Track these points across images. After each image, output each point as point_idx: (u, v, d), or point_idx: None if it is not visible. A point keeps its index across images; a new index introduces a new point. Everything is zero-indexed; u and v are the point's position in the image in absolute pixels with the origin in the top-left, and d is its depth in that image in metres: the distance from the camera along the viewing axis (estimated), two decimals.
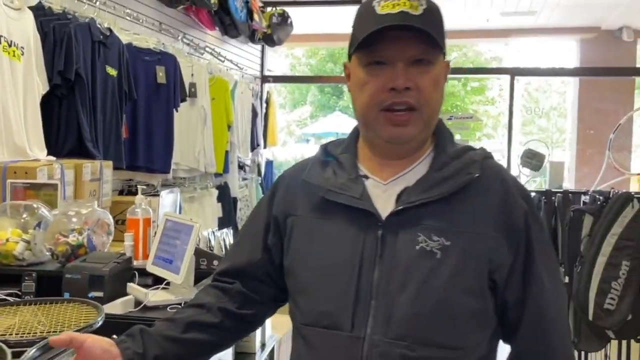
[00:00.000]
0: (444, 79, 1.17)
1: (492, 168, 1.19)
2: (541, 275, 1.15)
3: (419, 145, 1.19)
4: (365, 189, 1.17)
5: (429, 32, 1.08)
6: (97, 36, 3.10)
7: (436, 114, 1.16)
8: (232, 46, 5.74)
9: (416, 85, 1.10)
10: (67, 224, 2.02)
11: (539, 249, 1.15)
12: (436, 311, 1.08)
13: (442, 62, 1.15)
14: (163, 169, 3.86)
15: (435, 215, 1.11)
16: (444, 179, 1.13)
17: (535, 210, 1.18)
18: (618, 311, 3.44)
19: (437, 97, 1.14)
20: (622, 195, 3.54)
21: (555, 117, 15.95)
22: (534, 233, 1.15)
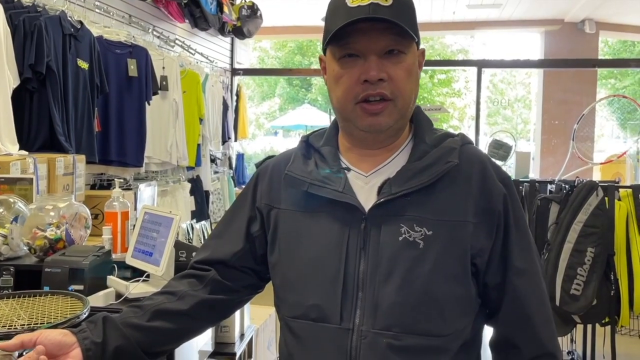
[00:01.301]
0: (418, 68, 1.18)
1: (471, 154, 1.20)
2: (518, 256, 1.17)
3: (397, 135, 1.19)
4: (348, 181, 1.17)
5: (399, 23, 1.08)
6: (67, 29, 3.07)
7: (411, 103, 1.16)
8: (202, 39, 5.71)
9: (389, 76, 1.11)
10: (44, 218, 2.01)
11: (516, 231, 1.17)
12: (421, 300, 1.10)
13: (416, 51, 1.16)
14: (135, 162, 3.84)
15: (416, 205, 1.12)
16: (424, 168, 1.14)
17: (515, 193, 1.19)
18: (584, 296, 3.55)
19: (411, 87, 1.14)
20: (587, 184, 3.65)
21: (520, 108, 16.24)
22: (512, 216, 1.17)
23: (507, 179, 1.20)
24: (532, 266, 1.19)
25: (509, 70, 14.88)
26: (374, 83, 1.10)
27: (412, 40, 1.13)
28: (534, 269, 1.19)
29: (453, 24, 8.91)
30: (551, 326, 1.20)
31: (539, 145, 8.54)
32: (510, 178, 1.21)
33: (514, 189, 1.20)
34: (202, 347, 2.05)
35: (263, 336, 3.06)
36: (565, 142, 5.24)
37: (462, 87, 15.44)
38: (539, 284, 1.20)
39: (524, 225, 1.20)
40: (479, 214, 1.14)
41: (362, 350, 1.10)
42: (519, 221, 1.18)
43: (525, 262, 1.18)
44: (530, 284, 1.18)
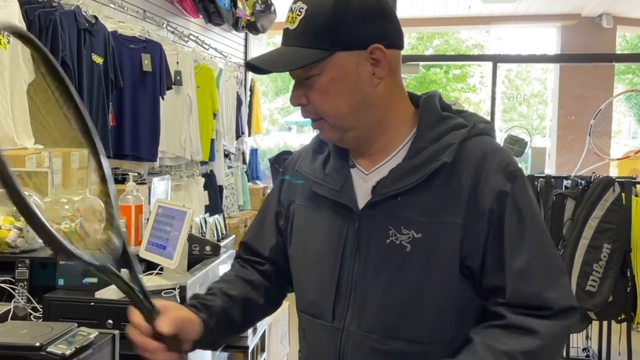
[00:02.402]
0: (349, 75, 1.08)
1: (474, 148, 1.11)
2: (516, 256, 1.06)
3: (372, 139, 1.14)
4: (348, 179, 1.16)
5: (300, 49, 1.07)
6: (82, 24, 3.09)
7: (346, 115, 1.10)
8: (215, 34, 5.72)
9: (308, 100, 1.11)
10: (59, 212, 2.02)
11: (516, 229, 1.07)
12: (405, 305, 1.08)
13: (341, 60, 1.07)
14: (150, 157, 3.86)
15: (406, 206, 1.08)
16: (415, 167, 1.09)
17: (522, 186, 1.10)
18: (599, 293, 3.51)
19: (335, 102, 1.09)
20: (603, 179, 3.61)
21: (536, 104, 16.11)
22: (511, 212, 1.07)
23: (513, 172, 1.10)
24: (534, 264, 1.07)
25: (524, 65, 14.76)
26: (301, 107, 1.13)
27: (324, 57, 1.06)
28: (539, 266, 1.07)
29: (468, 19, 8.85)
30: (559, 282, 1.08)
31: (555, 141, 8.47)
32: (518, 170, 1.11)
33: (521, 182, 1.10)
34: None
35: (276, 330, 3.07)
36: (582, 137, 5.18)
37: (477, 82, 15.34)
38: (542, 271, 1.08)
39: (530, 220, 1.09)
40: (468, 214, 1.07)
41: (349, 351, 1.11)
42: (521, 217, 1.08)
43: (525, 261, 1.06)
44: (534, 277, 1.06)
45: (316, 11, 1.06)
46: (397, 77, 1.15)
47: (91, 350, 1.35)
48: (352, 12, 1.06)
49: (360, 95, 1.10)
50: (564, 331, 1.08)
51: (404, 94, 1.17)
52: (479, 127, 1.15)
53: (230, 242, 2.36)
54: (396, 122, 1.15)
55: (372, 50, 1.08)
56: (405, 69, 6.15)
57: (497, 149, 1.13)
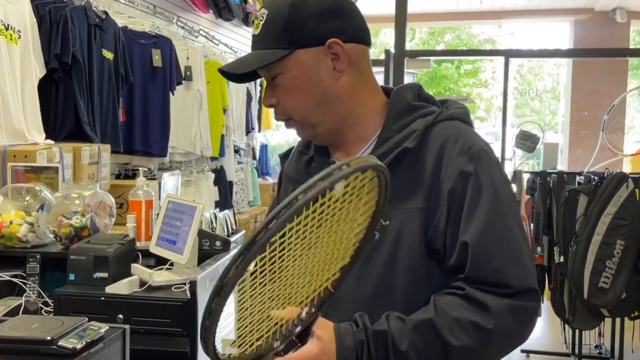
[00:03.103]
0: (310, 71, 1.13)
1: (438, 133, 1.13)
2: (469, 226, 1.06)
3: (341, 133, 1.18)
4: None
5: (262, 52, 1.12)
6: (93, 19, 3.09)
7: (312, 111, 1.15)
8: (226, 29, 5.71)
9: (277, 100, 1.16)
10: (70, 206, 2.03)
11: (473, 207, 1.07)
12: (376, 292, 1.11)
13: (301, 57, 1.12)
14: (160, 152, 3.86)
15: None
16: (380, 156, 1.09)
17: (486, 168, 1.09)
18: (612, 289, 3.49)
19: (299, 100, 1.14)
20: (617, 175, 3.58)
21: (549, 99, 16.00)
22: (470, 192, 1.08)
23: (477, 153, 1.10)
24: (491, 239, 1.06)
25: (536, 60, 14.66)
26: (274, 109, 1.19)
27: (285, 54, 1.12)
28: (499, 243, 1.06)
29: (480, 14, 8.80)
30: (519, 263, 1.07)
31: (568, 137, 8.41)
32: (482, 151, 1.11)
33: (485, 162, 1.10)
34: (225, 335, 2.05)
35: None
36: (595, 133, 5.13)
37: (489, 77, 15.26)
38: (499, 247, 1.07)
39: (490, 195, 1.08)
40: (429, 198, 1.09)
41: None
42: (480, 193, 1.07)
43: (480, 235, 1.06)
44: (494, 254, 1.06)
45: (275, 14, 1.13)
46: (363, 70, 1.18)
47: (102, 344, 1.35)
48: (307, 11, 1.11)
49: (322, 90, 1.14)
50: (522, 312, 1.07)
51: (373, 86, 1.21)
52: (448, 112, 1.17)
53: (241, 237, 2.36)
54: (366, 115, 1.18)
55: (329, 45, 1.13)
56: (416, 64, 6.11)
57: (463, 132, 1.14)
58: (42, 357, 1.24)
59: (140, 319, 1.70)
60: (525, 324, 1.09)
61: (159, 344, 1.70)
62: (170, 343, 1.70)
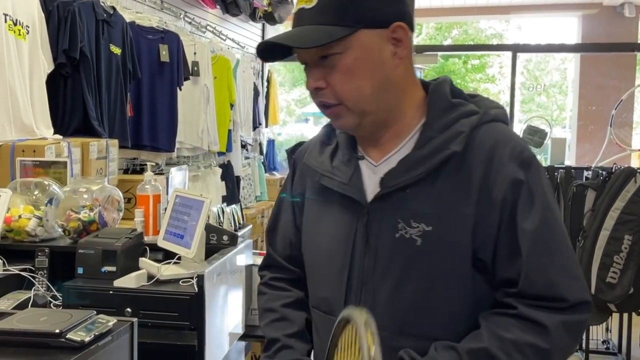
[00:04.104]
0: (381, 52, 1.05)
1: (486, 136, 1.07)
2: (527, 243, 1.02)
3: (386, 125, 1.11)
4: (357, 171, 1.13)
5: (296, 46, 1.03)
6: (100, 15, 3.10)
7: (367, 98, 1.06)
8: (233, 25, 5.71)
9: (327, 83, 1.06)
10: (78, 201, 2.04)
11: (530, 218, 1.02)
12: (416, 302, 1.05)
13: (364, 38, 1.04)
14: (167, 147, 3.87)
15: (416, 198, 1.05)
16: (424, 158, 1.05)
17: (537, 176, 1.05)
18: (620, 285, 3.48)
19: (357, 84, 1.05)
20: (625, 170, 3.56)
21: (556, 94, 15.92)
22: (525, 202, 1.03)
23: (527, 160, 1.05)
24: (547, 255, 1.02)
25: (543, 55, 14.58)
26: (316, 92, 1.08)
27: (347, 33, 1.02)
28: (553, 258, 1.03)
29: (488, 8, 8.75)
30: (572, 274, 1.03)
31: (575, 132, 8.37)
32: (532, 157, 1.06)
33: (535, 169, 1.05)
34: (232, 329, 2.06)
35: None
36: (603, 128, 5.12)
37: (496, 72, 15.19)
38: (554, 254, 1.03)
39: (544, 210, 1.03)
40: (479, 204, 1.03)
41: None
42: (535, 206, 1.03)
43: (538, 252, 1.02)
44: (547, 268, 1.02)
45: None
46: (412, 60, 1.11)
47: (110, 337, 1.35)
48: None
49: (383, 76, 1.06)
50: (577, 326, 1.03)
51: (416, 78, 1.14)
52: (491, 113, 1.10)
53: (248, 232, 2.37)
54: (408, 108, 1.11)
55: (394, 29, 1.05)
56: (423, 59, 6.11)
57: (510, 135, 1.09)
58: (50, 350, 1.25)
59: (148, 312, 1.71)
60: (578, 337, 1.06)
61: (167, 337, 1.71)
62: (178, 337, 1.71)
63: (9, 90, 2.55)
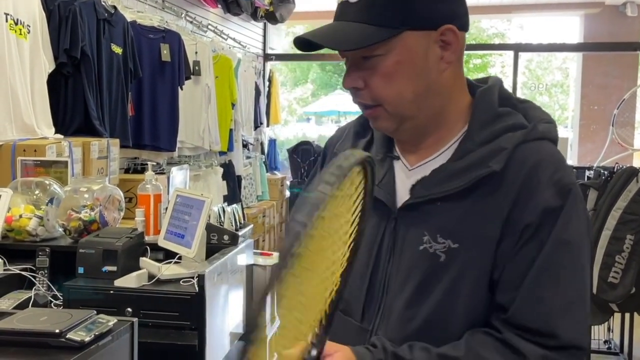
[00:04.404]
0: (417, 58, 0.98)
1: (528, 155, 0.99)
2: (536, 280, 0.96)
3: (427, 131, 1.04)
4: (390, 173, 1.08)
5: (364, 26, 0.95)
6: (102, 14, 3.10)
7: (409, 103, 1.00)
8: (234, 24, 5.71)
9: (366, 84, 1.00)
10: (79, 200, 2.04)
11: (550, 251, 0.95)
12: (429, 317, 1.00)
13: (409, 40, 0.97)
14: (169, 147, 3.87)
15: (445, 213, 0.99)
16: (459, 171, 0.99)
17: (571, 207, 0.96)
18: (622, 284, 3.47)
19: (398, 88, 0.98)
20: (627, 170, 3.55)
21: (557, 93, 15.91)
22: (552, 232, 0.95)
23: (567, 187, 0.97)
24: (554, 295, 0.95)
25: (545, 55, 14.57)
26: (354, 91, 1.02)
27: (392, 36, 0.96)
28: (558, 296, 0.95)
29: (490, 8, 8.73)
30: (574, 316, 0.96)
31: (577, 131, 8.36)
32: (573, 185, 0.98)
33: (573, 200, 0.97)
34: (233, 329, 2.06)
35: None
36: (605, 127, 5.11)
37: (498, 72, 15.19)
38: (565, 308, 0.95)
39: (564, 244, 0.96)
40: (505, 227, 0.97)
41: None
42: (552, 235, 0.95)
43: (545, 291, 0.95)
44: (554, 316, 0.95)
45: None
46: (462, 64, 1.05)
47: (110, 337, 1.35)
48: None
49: (427, 81, 1.00)
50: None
51: (464, 82, 1.07)
52: (539, 129, 1.02)
53: (249, 231, 2.37)
54: (453, 115, 1.04)
55: (443, 32, 0.98)
56: None
57: (555, 158, 1.00)
58: (51, 350, 1.25)
59: (149, 312, 1.71)
60: None
61: (167, 337, 1.71)
62: (178, 336, 1.71)
63: (10, 90, 2.55)
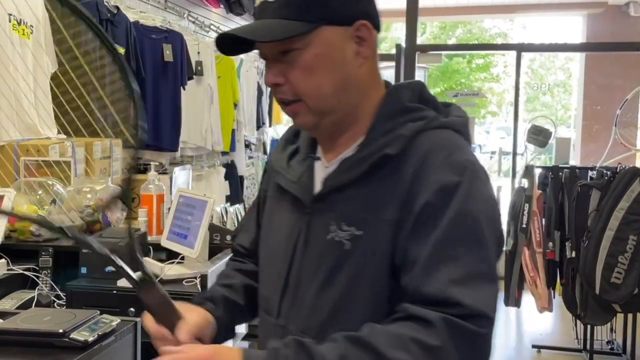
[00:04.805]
0: (343, 51, 1.02)
1: (424, 141, 1.02)
2: (429, 256, 0.95)
3: (343, 126, 1.07)
4: (308, 171, 1.11)
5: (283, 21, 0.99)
6: (104, 14, 3.10)
7: (329, 97, 1.03)
8: (237, 24, 5.71)
9: (286, 79, 1.02)
10: (82, 200, 2.05)
11: (445, 230, 0.95)
12: (336, 307, 1.02)
13: (327, 34, 1.00)
14: (171, 147, 3.88)
15: (349, 200, 1.02)
16: (360, 160, 1.02)
17: (469, 182, 0.97)
18: (624, 285, 3.47)
19: (318, 82, 1.01)
20: (630, 170, 3.55)
21: (560, 93, 15.89)
22: (448, 210, 0.95)
23: (462, 164, 0.98)
24: (451, 263, 0.94)
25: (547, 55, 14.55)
26: (275, 88, 1.04)
27: (311, 28, 0.99)
28: (458, 267, 0.94)
29: (492, 8, 8.73)
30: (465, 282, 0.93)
31: (580, 132, 8.35)
32: (469, 162, 0.99)
33: (472, 177, 0.98)
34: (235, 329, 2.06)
35: None
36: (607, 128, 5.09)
37: (500, 72, 15.17)
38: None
39: (462, 216, 0.95)
40: (402, 210, 0.98)
41: None
42: (449, 210, 0.95)
43: (429, 250, 0.95)
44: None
45: None
46: (377, 61, 1.08)
47: (113, 337, 1.36)
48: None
49: (344, 74, 1.03)
50: (470, 336, 0.91)
51: (380, 80, 1.10)
52: (441, 120, 1.05)
53: None
54: (367, 110, 1.07)
55: (358, 27, 1.02)
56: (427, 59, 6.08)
57: (452, 142, 1.02)
58: (54, 350, 1.25)
59: None
60: (475, 348, 0.93)
61: None
62: None
63: (13, 90, 2.55)
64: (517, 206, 3.91)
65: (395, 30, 14.29)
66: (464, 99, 5.54)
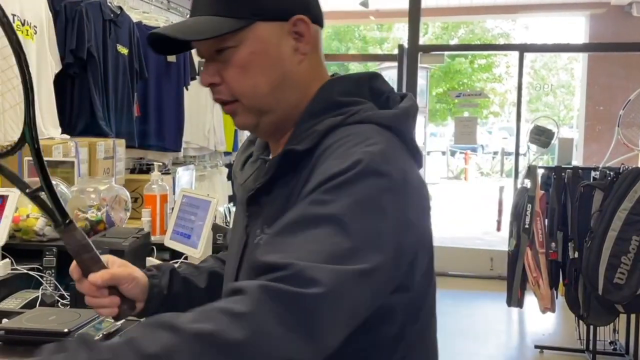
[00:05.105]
0: (280, 46, 0.96)
1: (336, 136, 0.93)
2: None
3: (285, 126, 1.01)
4: (257, 173, 1.06)
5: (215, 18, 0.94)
6: (108, 15, 3.11)
7: (264, 96, 0.97)
8: None
9: (222, 79, 0.97)
10: (85, 200, 2.05)
11: (304, 205, 0.86)
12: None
13: (261, 31, 0.95)
14: (174, 147, 3.89)
15: (274, 202, 0.97)
16: (276, 160, 0.97)
17: (353, 177, 0.85)
18: (627, 285, 3.46)
19: (254, 80, 0.96)
20: (633, 170, 3.55)
21: (563, 94, 15.88)
22: (317, 192, 0.86)
23: (357, 160, 0.86)
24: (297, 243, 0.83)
25: (550, 55, 14.55)
26: (211, 88, 1.00)
27: (242, 26, 0.94)
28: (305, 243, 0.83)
29: (495, 8, 8.74)
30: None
31: (583, 132, 8.35)
32: (372, 160, 0.86)
33: (360, 172, 0.85)
34: None
35: None
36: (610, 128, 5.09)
37: (502, 72, 15.16)
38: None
39: (325, 209, 0.84)
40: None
41: None
42: (320, 201, 0.85)
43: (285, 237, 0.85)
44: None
45: None
46: (320, 56, 1.02)
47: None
48: None
49: (282, 72, 0.97)
50: (291, 300, 0.77)
51: (323, 75, 1.03)
52: (362, 114, 0.96)
53: None
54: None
55: (294, 22, 0.96)
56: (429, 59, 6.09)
57: (361, 135, 0.91)
58: None
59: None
60: (310, 313, 0.78)
61: None
62: None
63: (17, 91, 2.56)
64: (519, 207, 3.91)
65: (397, 31, 14.30)
66: (466, 99, 5.55)
